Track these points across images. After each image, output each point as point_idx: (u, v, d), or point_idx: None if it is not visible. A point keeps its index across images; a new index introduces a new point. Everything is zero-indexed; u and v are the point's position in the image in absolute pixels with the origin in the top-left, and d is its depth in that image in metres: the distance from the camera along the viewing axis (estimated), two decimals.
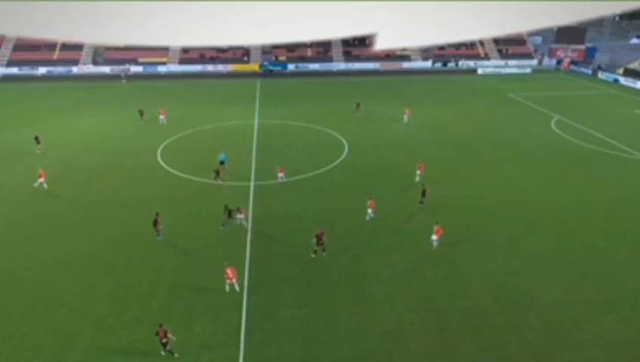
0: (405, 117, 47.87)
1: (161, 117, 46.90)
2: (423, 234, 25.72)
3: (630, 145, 40.34)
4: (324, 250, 23.73)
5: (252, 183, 32.50)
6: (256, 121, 48.50)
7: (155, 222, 25.08)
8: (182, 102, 56.29)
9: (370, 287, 21.32)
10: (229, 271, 20.72)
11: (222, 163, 34.20)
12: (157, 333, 17.28)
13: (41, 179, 31.10)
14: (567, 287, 21.34)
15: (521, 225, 26.87)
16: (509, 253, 24.09)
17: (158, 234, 25.19)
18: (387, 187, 31.96)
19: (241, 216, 26.32)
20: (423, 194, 28.92)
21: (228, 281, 20.76)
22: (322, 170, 35.04)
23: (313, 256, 23.63)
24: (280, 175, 32.38)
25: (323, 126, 46.04)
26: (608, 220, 27.54)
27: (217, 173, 31.92)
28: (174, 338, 17.39)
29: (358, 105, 52.22)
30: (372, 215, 27.25)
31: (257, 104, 55.83)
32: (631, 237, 25.68)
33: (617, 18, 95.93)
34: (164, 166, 35.48)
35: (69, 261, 23.20)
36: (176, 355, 17.31)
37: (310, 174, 34.19)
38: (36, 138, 38.83)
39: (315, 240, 23.58)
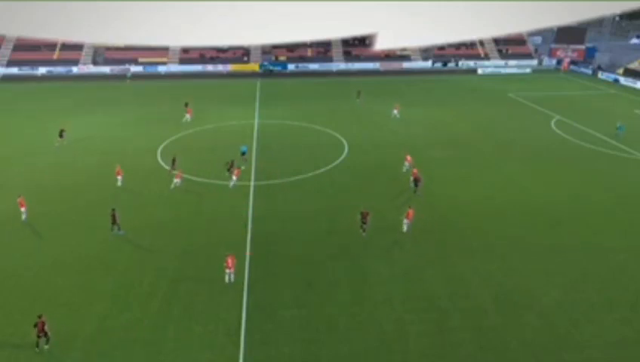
0: (395, 111, 49.18)
1: (187, 115, 47.66)
2: (423, 234, 25.77)
3: (630, 145, 40.33)
4: (364, 230, 25.32)
5: (252, 183, 32.50)
6: (256, 121, 48.50)
7: (114, 219, 25.40)
8: (182, 102, 56.23)
9: (370, 287, 21.32)
10: (229, 260, 21.19)
11: (243, 154, 36.20)
12: (35, 325, 17.16)
13: (120, 177, 31.66)
14: (567, 287, 21.34)
15: (521, 225, 26.87)
16: (508, 253, 24.10)
17: (119, 229, 25.47)
18: (387, 187, 31.96)
19: (235, 178, 31.08)
20: (415, 182, 30.17)
21: (227, 270, 21.09)
22: (322, 170, 35.04)
23: (364, 234, 25.31)
24: (176, 180, 31.47)
25: (323, 126, 46.04)
26: (608, 220, 27.54)
27: (174, 162, 33.56)
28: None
29: (359, 93, 54.56)
30: (407, 227, 26.09)
31: (257, 104, 55.81)
32: (631, 237, 25.69)
33: (617, 18, 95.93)
34: (165, 166, 35.45)
35: (69, 261, 23.20)
36: (46, 347, 17.35)
37: (310, 174, 34.20)
38: (61, 132, 39.91)
39: (359, 217, 25.41)
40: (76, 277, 21.88)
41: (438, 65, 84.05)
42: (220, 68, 79.46)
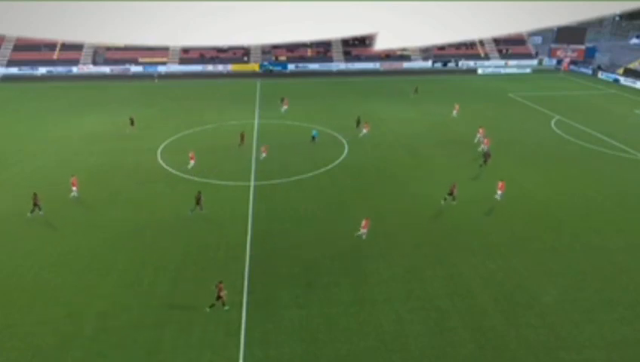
0: (455, 112, 50.25)
1: (285, 107, 51.55)
2: (423, 234, 25.77)
3: (630, 145, 40.33)
4: (453, 199, 28.82)
5: (252, 183, 32.49)
6: (256, 121, 48.49)
7: (198, 200, 27.52)
8: (182, 102, 56.30)
9: (370, 287, 21.32)
10: (364, 221, 24.76)
11: (313, 138, 39.91)
12: (218, 294, 19.52)
13: (193, 161, 34.49)
14: (567, 287, 21.34)
15: (521, 225, 26.86)
16: (509, 252, 24.10)
17: (200, 208, 27.67)
18: (387, 187, 31.97)
19: (365, 130, 41.00)
20: (485, 157, 35.06)
21: (362, 229, 24.69)
22: (322, 170, 35.03)
23: (443, 202, 28.94)
24: (264, 154, 36.15)
25: (323, 126, 46.01)
26: (608, 220, 27.53)
27: (242, 138, 39.31)
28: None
29: (416, 89, 61.06)
30: (500, 197, 29.55)
31: (257, 104, 55.82)
32: (631, 237, 25.69)
33: (617, 18, 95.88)
34: (164, 166, 35.46)
35: (69, 261, 23.20)
36: (226, 308, 19.75)
37: (310, 174, 34.19)
38: (131, 120, 43.89)
39: (449, 190, 28.94)
40: (76, 277, 21.88)
41: (438, 65, 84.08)
42: (220, 68, 79.49)
